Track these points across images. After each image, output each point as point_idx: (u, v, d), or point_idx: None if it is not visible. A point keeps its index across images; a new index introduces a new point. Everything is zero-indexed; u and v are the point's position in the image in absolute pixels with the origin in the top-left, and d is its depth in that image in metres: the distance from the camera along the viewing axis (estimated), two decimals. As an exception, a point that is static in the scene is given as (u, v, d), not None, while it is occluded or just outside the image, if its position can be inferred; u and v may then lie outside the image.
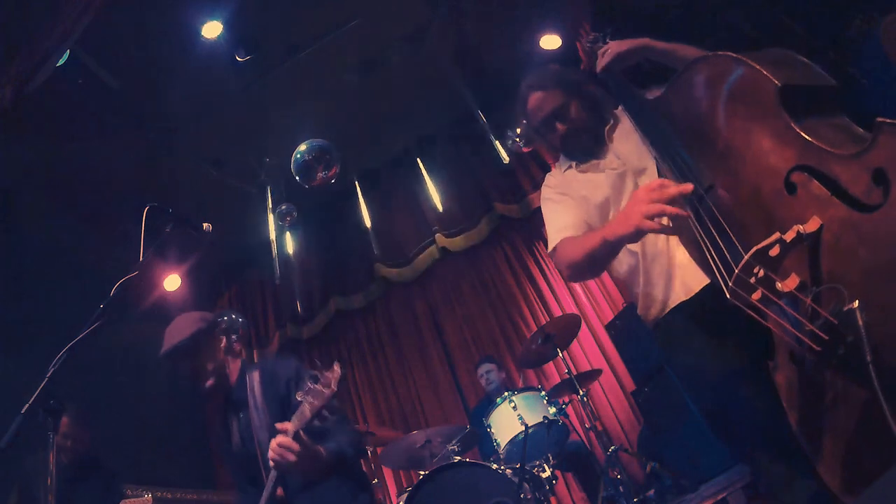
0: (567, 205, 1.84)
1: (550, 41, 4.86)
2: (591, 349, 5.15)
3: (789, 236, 1.14)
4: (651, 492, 3.52)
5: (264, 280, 6.35)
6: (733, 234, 1.26)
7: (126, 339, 4.44)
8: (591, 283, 5.31)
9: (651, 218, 1.34)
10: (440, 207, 5.77)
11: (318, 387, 1.80)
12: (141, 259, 1.73)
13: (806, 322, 1.12)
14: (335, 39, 4.63)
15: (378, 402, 5.83)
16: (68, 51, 3.71)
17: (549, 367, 5.19)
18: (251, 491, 2.07)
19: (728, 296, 1.23)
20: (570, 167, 1.95)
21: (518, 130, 5.17)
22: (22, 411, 1.46)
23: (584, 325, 4.84)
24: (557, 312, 5.27)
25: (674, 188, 1.35)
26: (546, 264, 5.68)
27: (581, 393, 3.75)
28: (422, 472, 3.52)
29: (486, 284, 5.90)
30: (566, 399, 4.00)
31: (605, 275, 5.20)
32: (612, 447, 3.69)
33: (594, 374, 4.27)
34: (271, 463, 1.76)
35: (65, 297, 3.67)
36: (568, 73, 1.95)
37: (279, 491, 1.90)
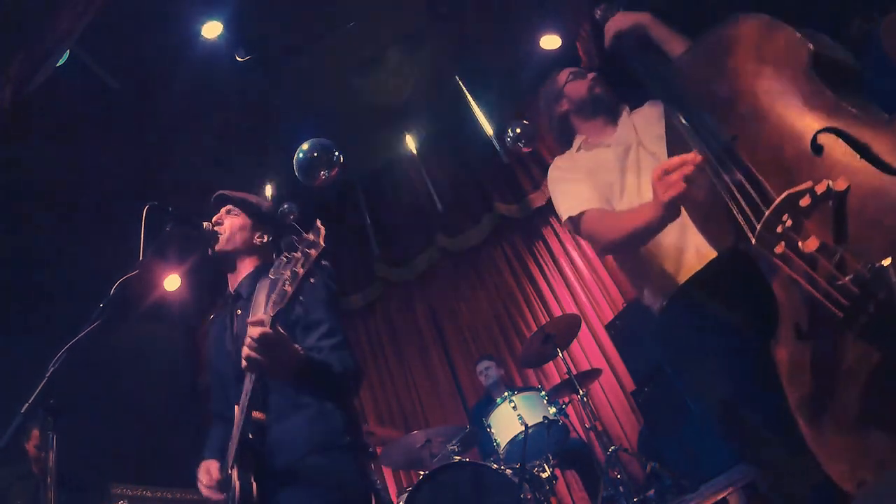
0: (581, 181, 1.86)
1: (550, 41, 4.86)
2: (591, 349, 5.15)
3: (820, 188, 1.10)
4: (651, 492, 3.52)
5: (264, 280, 6.35)
6: (766, 178, 1.22)
7: (126, 338, 4.44)
8: (591, 283, 5.31)
9: (671, 188, 1.36)
10: (440, 207, 5.77)
11: (298, 253, 1.46)
12: (140, 258, 1.72)
13: (829, 281, 1.07)
14: (335, 39, 4.63)
15: (378, 402, 5.83)
16: (68, 51, 3.71)
17: (549, 367, 5.19)
18: (229, 417, 1.70)
19: (754, 241, 1.19)
20: (579, 148, 1.99)
21: (518, 130, 5.16)
22: (22, 411, 1.46)
23: (584, 325, 4.84)
24: (557, 312, 5.27)
25: (677, 159, 1.36)
26: (546, 264, 5.68)
27: (581, 393, 3.75)
28: (422, 472, 3.52)
29: (486, 284, 5.91)
30: (566, 399, 4.00)
31: (604, 275, 5.22)
32: (612, 447, 3.68)
33: (594, 374, 4.27)
34: (244, 363, 1.45)
35: (65, 296, 3.67)
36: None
37: (259, 414, 1.59)
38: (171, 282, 4.91)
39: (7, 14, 3.44)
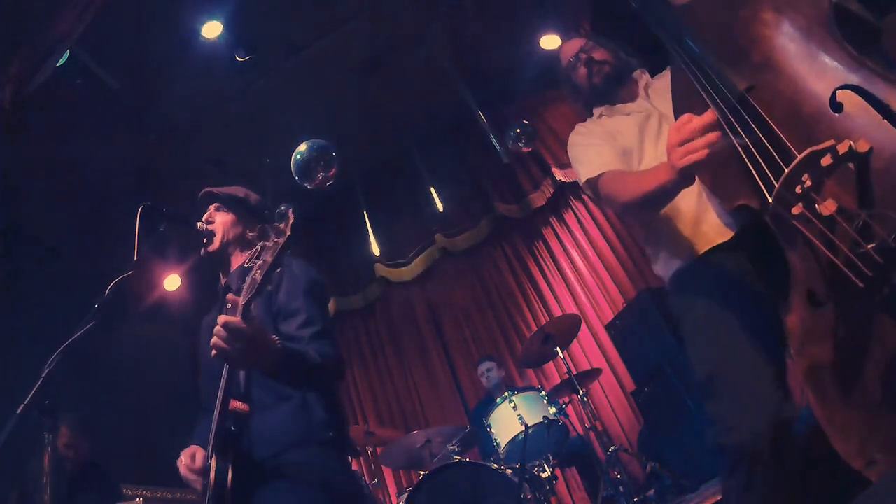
0: (601, 144, 1.85)
1: (550, 41, 4.85)
2: (591, 349, 5.15)
3: (842, 148, 1.04)
4: (651, 492, 3.52)
5: (265, 280, 6.35)
6: (781, 134, 1.14)
7: (125, 338, 4.44)
8: (591, 282, 5.31)
9: (692, 154, 1.29)
10: (440, 207, 5.77)
11: (269, 241, 1.44)
12: (135, 258, 1.71)
13: (850, 248, 1.01)
14: (335, 39, 4.63)
15: (378, 402, 5.83)
16: (68, 51, 3.71)
17: (549, 367, 5.19)
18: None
19: (772, 201, 1.13)
20: (601, 115, 1.99)
21: (518, 130, 5.16)
22: (17, 412, 1.45)
23: (584, 325, 4.84)
24: (557, 312, 5.27)
25: (697, 121, 1.29)
26: (546, 264, 5.68)
27: (581, 393, 3.75)
28: (422, 472, 3.52)
29: (486, 284, 5.91)
30: (566, 399, 4.00)
31: (605, 275, 5.22)
32: (612, 447, 3.68)
33: (594, 373, 4.27)
34: (213, 352, 1.38)
35: (63, 296, 3.67)
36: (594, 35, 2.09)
37: (243, 406, 1.55)
38: (171, 282, 4.91)
39: (7, 14, 3.44)
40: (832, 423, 1.12)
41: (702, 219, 1.64)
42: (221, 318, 1.37)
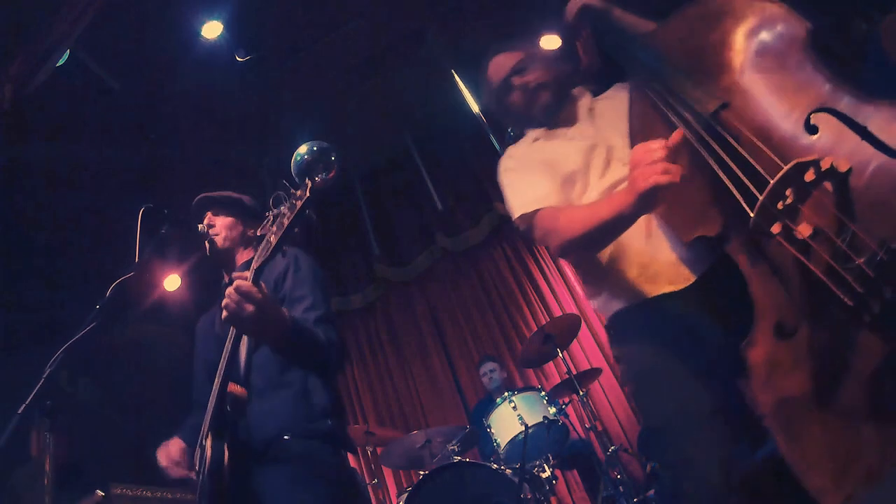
0: (540, 175, 1.63)
1: (550, 41, 4.85)
2: (591, 349, 5.15)
3: (825, 164, 1.02)
4: (651, 492, 3.51)
5: (264, 280, 6.36)
6: (761, 146, 1.11)
7: (126, 338, 4.44)
8: (592, 283, 5.30)
9: (665, 174, 1.19)
10: (440, 207, 5.77)
11: (286, 206, 1.41)
12: (137, 260, 1.72)
13: (840, 264, 0.98)
14: (335, 39, 4.64)
15: (378, 402, 5.83)
16: (68, 51, 3.71)
17: (549, 367, 5.19)
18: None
19: (753, 214, 1.09)
20: (537, 139, 1.80)
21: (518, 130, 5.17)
22: (18, 411, 1.45)
23: (584, 325, 4.84)
24: (557, 312, 5.27)
25: (671, 139, 1.21)
26: (546, 264, 5.67)
27: (581, 393, 3.75)
28: (422, 472, 3.52)
29: (486, 284, 5.90)
30: (566, 399, 4.00)
31: (605, 275, 5.22)
32: (612, 447, 3.68)
33: (594, 373, 4.27)
34: (223, 314, 1.37)
35: (64, 297, 3.67)
36: (533, 44, 1.92)
37: (241, 390, 1.52)
38: (171, 282, 4.91)
39: (7, 14, 3.45)
40: (803, 459, 1.07)
41: (653, 257, 1.49)
42: (234, 283, 1.37)
